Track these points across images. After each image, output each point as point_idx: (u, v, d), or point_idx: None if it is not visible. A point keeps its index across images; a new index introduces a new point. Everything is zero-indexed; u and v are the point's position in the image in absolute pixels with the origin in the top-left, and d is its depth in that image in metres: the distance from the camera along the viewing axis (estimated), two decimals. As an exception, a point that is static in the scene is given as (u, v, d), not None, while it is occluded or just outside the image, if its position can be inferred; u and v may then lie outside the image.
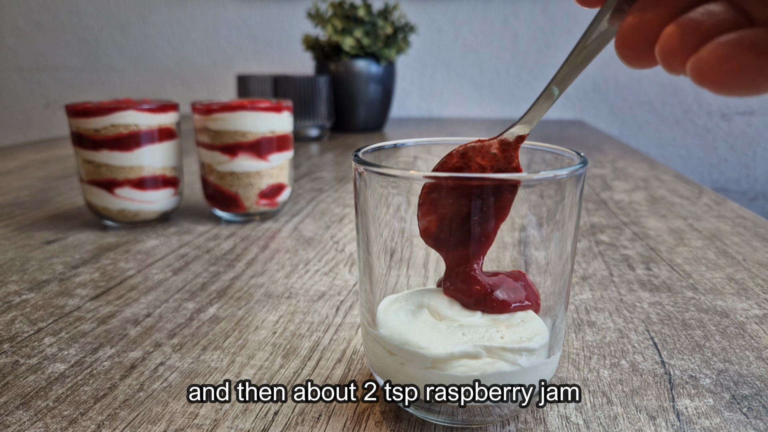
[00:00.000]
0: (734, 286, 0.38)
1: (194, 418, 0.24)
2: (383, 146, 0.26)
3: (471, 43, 1.41)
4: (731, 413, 0.24)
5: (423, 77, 1.44)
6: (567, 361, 0.28)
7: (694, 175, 1.38)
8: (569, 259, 0.23)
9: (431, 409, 0.23)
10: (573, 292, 0.36)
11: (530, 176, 0.20)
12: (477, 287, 0.23)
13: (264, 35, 1.47)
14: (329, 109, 1.04)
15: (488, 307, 0.23)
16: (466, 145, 0.23)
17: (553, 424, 0.23)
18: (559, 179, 0.21)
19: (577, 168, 0.21)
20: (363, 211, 0.23)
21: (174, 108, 0.54)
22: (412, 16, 1.34)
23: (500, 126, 1.24)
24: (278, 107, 0.54)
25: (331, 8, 1.06)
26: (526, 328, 0.22)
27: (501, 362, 0.21)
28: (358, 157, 0.23)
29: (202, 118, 0.53)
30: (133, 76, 1.54)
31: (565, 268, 0.23)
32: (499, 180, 0.21)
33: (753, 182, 1.37)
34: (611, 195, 0.63)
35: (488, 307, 0.23)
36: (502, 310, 0.23)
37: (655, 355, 0.29)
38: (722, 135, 1.36)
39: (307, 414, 0.24)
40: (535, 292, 0.24)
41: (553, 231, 0.23)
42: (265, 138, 0.53)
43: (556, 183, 0.21)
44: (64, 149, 0.95)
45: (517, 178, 0.21)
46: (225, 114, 0.52)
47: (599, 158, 0.87)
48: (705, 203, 0.59)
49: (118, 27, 1.51)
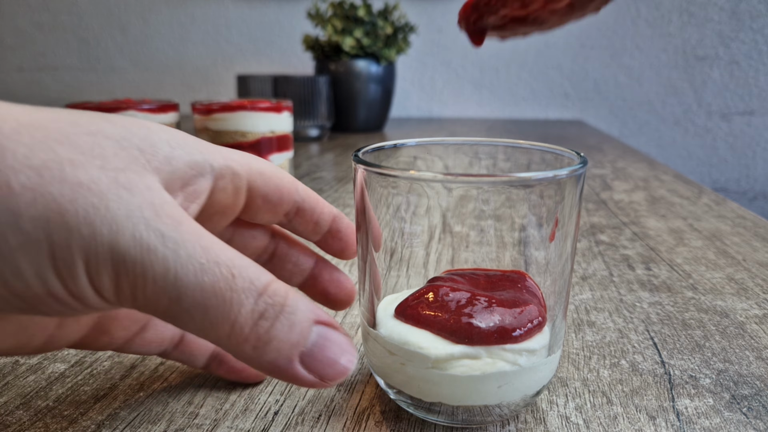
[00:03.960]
0: (734, 286, 0.38)
1: (194, 418, 0.24)
2: (383, 146, 0.26)
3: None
4: (731, 413, 0.24)
5: (423, 77, 1.44)
6: (567, 361, 0.28)
7: (694, 175, 1.38)
8: (569, 259, 0.23)
9: (431, 409, 0.23)
10: (573, 292, 0.36)
11: (529, 176, 0.20)
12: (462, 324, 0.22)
13: (264, 35, 1.47)
14: (329, 109, 1.04)
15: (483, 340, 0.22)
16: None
17: (553, 424, 0.23)
18: (558, 179, 0.21)
19: (577, 168, 0.21)
20: (362, 211, 0.24)
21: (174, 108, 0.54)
22: (412, 16, 1.34)
23: (500, 126, 1.24)
24: (278, 107, 0.54)
25: (331, 8, 1.06)
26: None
27: (501, 362, 0.21)
28: (358, 157, 0.23)
29: (202, 118, 0.53)
30: (133, 76, 1.54)
31: (565, 267, 0.23)
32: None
33: (753, 182, 1.37)
34: (611, 195, 0.63)
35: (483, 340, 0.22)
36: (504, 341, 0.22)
37: (655, 355, 0.29)
38: (722, 135, 1.36)
39: (307, 414, 0.24)
40: (540, 299, 0.23)
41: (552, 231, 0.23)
42: (265, 138, 0.53)
43: (555, 183, 0.21)
44: (64, 149, 0.94)
45: (518, 178, 0.21)
46: (225, 114, 0.52)
47: (599, 158, 0.87)
48: (705, 203, 0.59)
49: (118, 27, 1.51)
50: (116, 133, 0.17)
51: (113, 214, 0.15)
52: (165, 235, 0.16)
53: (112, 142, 0.16)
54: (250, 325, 0.17)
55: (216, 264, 0.16)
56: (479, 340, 0.21)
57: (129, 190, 0.16)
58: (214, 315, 0.16)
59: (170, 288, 0.16)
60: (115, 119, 0.18)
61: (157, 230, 0.16)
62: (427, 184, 0.22)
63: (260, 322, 0.17)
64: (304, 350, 0.17)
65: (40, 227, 0.14)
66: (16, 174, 0.14)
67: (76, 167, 0.15)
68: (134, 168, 0.16)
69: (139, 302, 0.16)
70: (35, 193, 0.14)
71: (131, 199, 0.15)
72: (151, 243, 0.15)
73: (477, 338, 0.21)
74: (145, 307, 0.16)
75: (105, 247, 0.15)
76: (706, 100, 1.35)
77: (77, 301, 0.16)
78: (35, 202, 0.14)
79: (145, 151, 0.17)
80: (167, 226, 0.16)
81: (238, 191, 0.22)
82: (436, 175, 0.20)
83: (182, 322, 0.17)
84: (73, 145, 0.15)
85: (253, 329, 0.17)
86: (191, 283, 0.16)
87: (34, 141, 0.15)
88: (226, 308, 0.16)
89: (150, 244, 0.15)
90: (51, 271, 0.15)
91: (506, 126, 1.24)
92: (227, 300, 0.16)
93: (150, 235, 0.15)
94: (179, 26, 1.50)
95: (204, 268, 0.16)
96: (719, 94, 1.34)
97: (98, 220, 0.15)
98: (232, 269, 0.16)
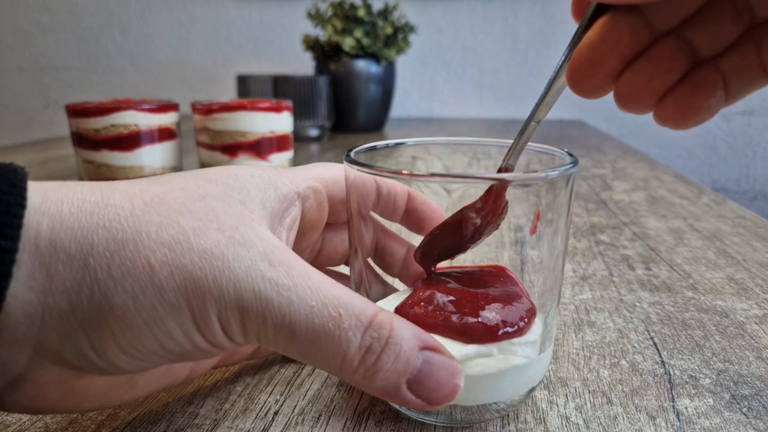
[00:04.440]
0: (734, 286, 0.38)
1: (194, 418, 0.24)
2: (375, 146, 0.26)
3: (471, 43, 1.41)
4: (731, 413, 0.24)
5: (423, 77, 1.44)
6: (567, 361, 0.28)
7: (694, 175, 1.38)
8: (560, 256, 0.23)
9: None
10: (573, 292, 0.36)
11: (523, 176, 0.21)
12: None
13: (264, 35, 1.47)
14: (329, 109, 1.04)
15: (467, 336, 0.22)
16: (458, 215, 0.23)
17: (553, 424, 0.23)
18: (551, 179, 0.21)
19: (568, 167, 0.22)
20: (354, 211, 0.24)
21: (174, 108, 0.54)
22: (412, 16, 1.34)
23: (500, 126, 1.24)
24: (278, 107, 0.54)
25: (331, 8, 1.06)
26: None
27: (511, 357, 0.21)
28: (350, 157, 0.23)
29: (202, 118, 0.53)
30: (133, 76, 1.54)
31: (556, 265, 0.23)
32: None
33: (753, 182, 1.37)
34: (611, 195, 0.63)
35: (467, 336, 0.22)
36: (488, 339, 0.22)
37: (655, 355, 0.29)
38: (722, 135, 1.36)
39: (307, 414, 0.24)
40: (523, 289, 0.24)
41: (544, 228, 0.23)
42: (265, 138, 0.53)
43: (548, 183, 0.22)
44: (64, 149, 0.95)
45: (510, 178, 0.21)
46: (225, 114, 0.52)
47: (599, 158, 0.87)
48: (705, 203, 0.59)
49: (118, 27, 1.51)
50: (220, 192, 0.19)
51: (235, 274, 0.18)
52: (279, 283, 0.18)
53: (219, 203, 0.19)
54: (359, 359, 0.19)
55: (324, 305, 0.18)
56: (489, 337, 0.21)
57: (244, 246, 0.18)
58: (325, 351, 0.18)
59: (286, 331, 0.18)
60: (214, 177, 0.20)
61: (272, 280, 0.18)
62: (424, 184, 0.22)
63: (367, 355, 0.19)
64: (411, 377, 0.19)
65: (181, 296, 0.17)
66: (153, 252, 0.17)
67: (198, 235, 0.18)
68: (244, 221, 0.19)
69: (262, 341, 0.19)
70: (171, 267, 0.17)
71: (247, 254, 0.18)
72: (268, 294, 0.18)
73: (487, 336, 0.21)
74: (268, 345, 0.19)
75: (232, 304, 0.18)
76: (706, 100, 1.35)
77: (215, 348, 0.19)
78: (173, 275, 0.17)
79: (246, 202, 0.20)
80: (280, 274, 0.18)
81: (322, 205, 0.24)
82: (426, 176, 0.20)
83: (299, 357, 0.19)
84: (191, 214, 0.18)
85: (361, 362, 0.19)
86: (303, 326, 0.18)
87: (161, 217, 0.18)
88: (335, 345, 0.18)
89: (267, 296, 0.18)
90: (194, 329, 0.18)
91: (506, 126, 1.24)
92: (336, 338, 0.18)
93: (266, 287, 0.18)
94: (179, 26, 1.50)
95: (314, 311, 0.18)
96: (719, 94, 1.34)
97: (224, 281, 0.17)
98: (339, 308, 0.18)
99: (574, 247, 0.45)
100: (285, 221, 0.22)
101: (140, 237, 0.17)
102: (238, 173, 0.21)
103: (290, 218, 0.22)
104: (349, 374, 0.19)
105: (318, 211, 0.24)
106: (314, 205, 0.24)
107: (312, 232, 0.25)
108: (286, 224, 0.22)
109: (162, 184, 0.19)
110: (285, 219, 0.22)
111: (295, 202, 0.23)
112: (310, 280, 0.18)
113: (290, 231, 0.23)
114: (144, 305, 0.17)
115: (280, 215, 0.22)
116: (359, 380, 0.19)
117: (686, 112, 0.19)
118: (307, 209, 0.24)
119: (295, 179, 0.23)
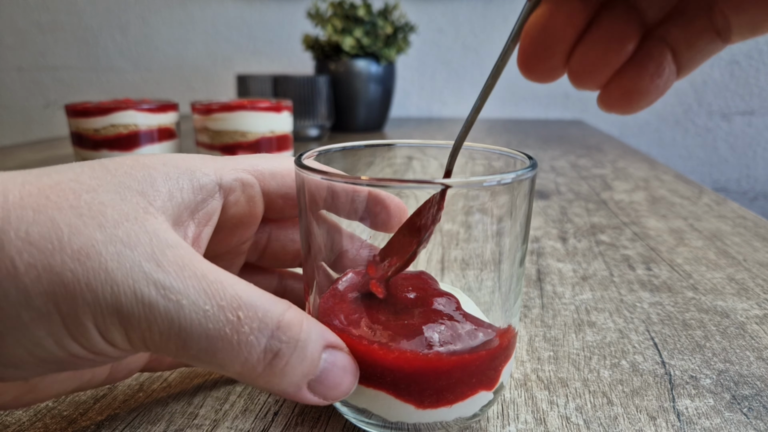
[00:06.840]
0: (735, 286, 0.38)
1: (194, 419, 0.23)
2: (329, 149, 0.25)
3: (471, 43, 1.41)
4: (732, 413, 0.24)
5: (423, 77, 1.44)
6: (567, 361, 0.28)
7: (695, 175, 1.38)
8: (515, 262, 0.22)
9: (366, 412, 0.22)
10: (573, 293, 0.36)
11: (477, 180, 0.20)
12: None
13: (264, 35, 1.47)
14: (329, 108, 1.04)
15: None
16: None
17: (553, 425, 0.23)
18: (504, 183, 0.20)
19: (525, 172, 0.21)
20: (305, 214, 0.22)
21: (174, 108, 0.54)
22: (412, 16, 1.34)
23: (500, 126, 1.24)
24: (278, 107, 0.54)
25: (331, 8, 1.06)
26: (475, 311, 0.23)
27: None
28: (301, 162, 0.21)
29: (201, 118, 0.53)
30: (133, 76, 1.54)
31: (512, 273, 0.22)
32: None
33: (753, 182, 1.37)
34: (611, 195, 0.63)
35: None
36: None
37: (656, 355, 0.29)
38: (722, 135, 1.36)
39: (307, 414, 0.24)
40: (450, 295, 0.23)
41: (502, 233, 0.22)
42: (265, 138, 0.53)
43: (503, 187, 0.21)
44: (63, 149, 0.95)
45: (466, 182, 0.20)
46: (225, 114, 0.52)
47: (599, 158, 0.87)
48: (705, 203, 0.59)
49: (118, 27, 1.51)
50: (115, 183, 0.17)
51: (112, 276, 0.16)
52: (166, 286, 0.16)
53: (110, 196, 0.17)
54: (263, 364, 0.17)
55: (221, 308, 0.17)
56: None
57: (128, 245, 0.16)
58: (222, 358, 0.17)
59: (175, 337, 0.16)
60: (115, 167, 0.18)
61: (158, 283, 0.16)
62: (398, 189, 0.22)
63: (275, 360, 0.17)
64: (313, 377, 0.18)
65: (50, 301, 0.15)
66: (19, 253, 0.15)
67: (74, 233, 0.16)
68: (135, 216, 0.17)
69: (151, 349, 0.17)
70: (39, 269, 0.15)
71: (130, 254, 0.16)
72: (152, 298, 0.16)
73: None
74: (158, 352, 0.17)
75: (110, 309, 0.16)
76: (706, 99, 1.35)
77: (98, 356, 0.17)
78: (40, 278, 0.15)
79: (147, 193, 0.18)
80: (168, 276, 0.16)
81: (252, 199, 0.22)
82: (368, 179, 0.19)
83: (195, 364, 0.17)
84: (72, 209, 0.16)
85: (266, 368, 0.17)
86: (196, 332, 0.16)
87: (35, 213, 0.16)
88: (234, 351, 0.17)
89: (151, 300, 0.16)
90: (67, 337, 0.16)
91: (506, 126, 1.24)
92: (233, 343, 0.17)
93: (150, 291, 0.16)
94: (179, 26, 1.50)
95: (207, 315, 0.16)
96: (720, 94, 1.34)
97: (99, 285, 0.16)
98: (237, 311, 0.17)
99: (575, 248, 0.45)
100: (197, 214, 0.20)
101: (6, 236, 0.15)
102: (146, 162, 0.19)
103: (205, 211, 0.20)
104: (251, 379, 0.18)
105: (247, 206, 0.22)
106: (242, 199, 0.22)
107: (243, 228, 0.23)
108: (198, 218, 0.20)
109: (53, 176, 0.17)
110: (198, 212, 0.20)
111: (215, 195, 0.21)
112: (205, 280, 0.17)
113: (204, 225, 0.21)
114: (7, 312, 0.15)
115: (192, 207, 0.20)
116: (261, 384, 0.18)
117: (632, 96, 0.17)
118: (232, 203, 0.22)
119: (222, 170, 0.21)
